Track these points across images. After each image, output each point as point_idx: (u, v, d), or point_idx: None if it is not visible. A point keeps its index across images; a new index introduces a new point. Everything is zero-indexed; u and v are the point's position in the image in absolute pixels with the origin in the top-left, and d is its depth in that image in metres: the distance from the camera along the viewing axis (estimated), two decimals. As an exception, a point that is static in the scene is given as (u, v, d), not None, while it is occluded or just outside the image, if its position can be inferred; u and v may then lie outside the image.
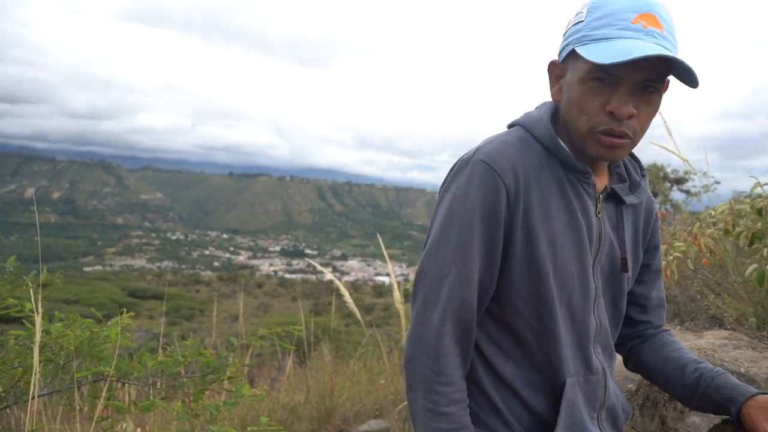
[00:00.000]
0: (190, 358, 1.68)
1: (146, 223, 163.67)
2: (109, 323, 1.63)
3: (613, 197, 0.99)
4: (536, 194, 0.90)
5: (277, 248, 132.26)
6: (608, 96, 0.87)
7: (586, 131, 0.90)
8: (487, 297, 0.92)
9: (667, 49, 0.83)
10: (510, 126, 0.99)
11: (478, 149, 0.92)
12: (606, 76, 0.86)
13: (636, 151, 1.00)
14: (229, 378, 1.70)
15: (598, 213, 0.96)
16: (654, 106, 0.88)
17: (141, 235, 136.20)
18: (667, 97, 0.93)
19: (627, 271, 0.98)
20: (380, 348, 3.55)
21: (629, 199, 0.99)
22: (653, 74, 0.85)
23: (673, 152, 1.96)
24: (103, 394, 1.54)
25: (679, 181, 7.68)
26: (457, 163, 0.94)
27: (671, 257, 2.09)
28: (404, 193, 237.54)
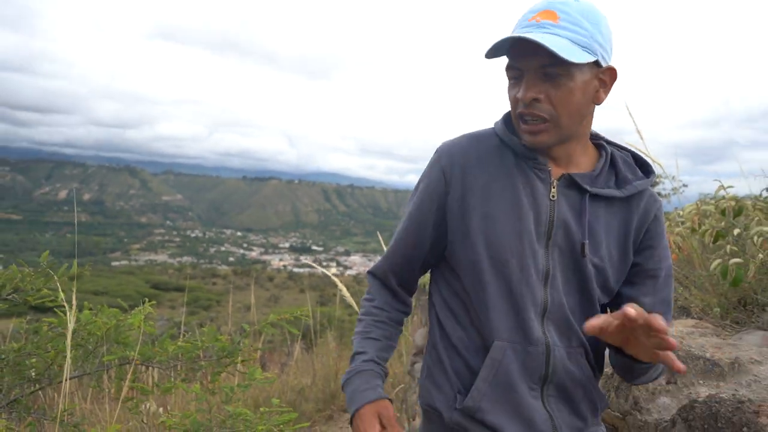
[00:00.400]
0: (207, 343, 1.68)
1: (168, 222, 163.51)
2: (133, 312, 1.63)
3: (575, 185, 0.96)
4: (480, 178, 0.96)
5: (287, 245, 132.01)
6: (519, 87, 0.91)
7: (515, 122, 0.95)
8: (420, 258, 1.04)
9: (555, 35, 0.85)
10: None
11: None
12: (515, 70, 0.91)
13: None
14: (242, 362, 1.70)
15: (552, 197, 0.95)
16: (563, 90, 0.88)
17: (163, 232, 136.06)
18: (642, 107, 0.90)
19: (584, 256, 0.94)
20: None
21: (597, 189, 0.96)
22: (546, 60, 0.86)
23: (646, 156, 1.96)
24: (129, 376, 1.54)
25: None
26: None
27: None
28: (402, 195, 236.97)
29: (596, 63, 0.89)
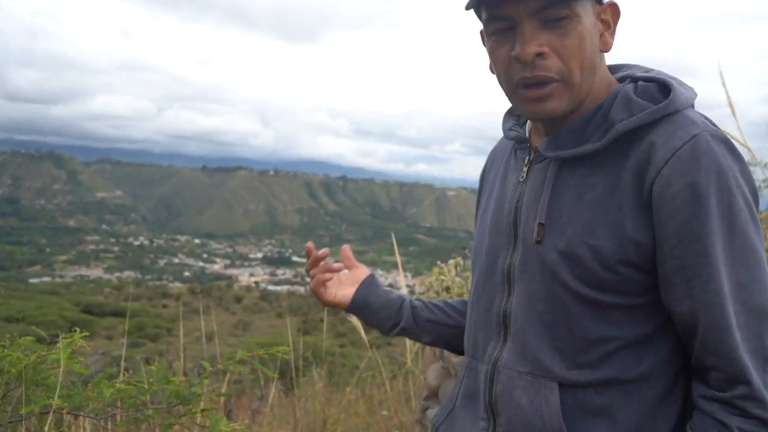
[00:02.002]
0: (155, 385, 1.67)
1: (104, 226, 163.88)
2: (58, 344, 1.63)
3: (540, 154, 0.94)
4: (494, 172, 1.08)
5: (259, 255, 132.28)
6: (512, 42, 0.87)
7: (510, 91, 0.92)
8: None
9: None
10: None
11: None
12: (501, 21, 0.88)
13: None
14: (202, 411, 1.70)
15: (522, 177, 0.96)
16: (572, 36, 0.85)
17: (97, 240, 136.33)
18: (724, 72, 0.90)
19: (539, 242, 0.89)
20: (381, 373, 3.52)
21: (564, 151, 0.90)
22: (544, 1, 0.84)
23: (736, 139, 1.93)
24: (51, 430, 1.53)
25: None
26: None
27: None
28: (409, 190, 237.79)
29: None
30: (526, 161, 0.97)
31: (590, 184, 0.87)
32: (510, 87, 0.91)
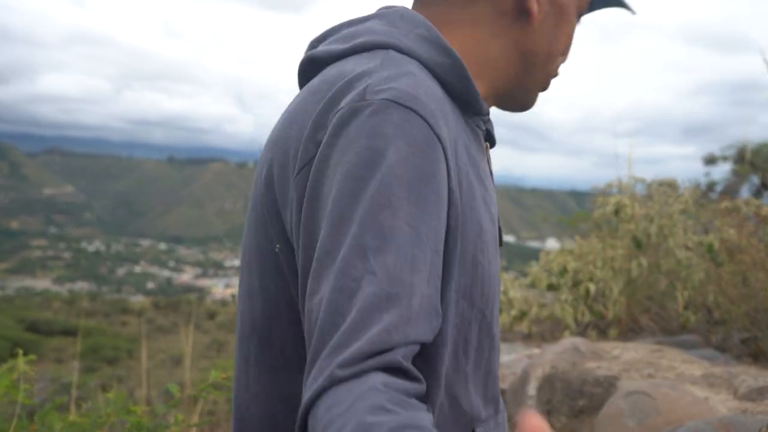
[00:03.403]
0: (114, 417, 1.68)
1: (52, 228, 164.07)
2: None
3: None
4: (459, 146, 0.82)
5: (236, 263, 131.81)
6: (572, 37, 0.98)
7: (546, 78, 0.97)
8: None
9: None
10: (368, 48, 0.85)
11: (374, 88, 0.76)
12: (584, 16, 1.00)
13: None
14: (169, 446, 1.70)
15: (489, 170, 0.94)
16: None
17: (45, 245, 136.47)
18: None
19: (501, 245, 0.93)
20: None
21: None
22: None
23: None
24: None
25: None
26: (347, 110, 0.75)
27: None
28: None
29: None
30: (485, 147, 0.93)
31: None
32: (545, 72, 0.96)
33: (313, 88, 0.84)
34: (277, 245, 0.82)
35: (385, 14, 0.90)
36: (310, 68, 0.91)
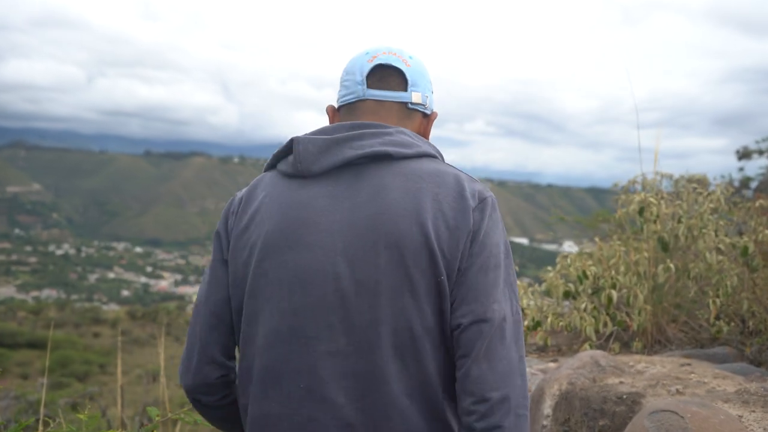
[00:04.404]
0: (84, 439, 1.67)
1: (16, 230, 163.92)
2: (-42, 386, 1.63)
3: None
4: None
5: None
6: None
7: None
8: None
9: None
10: (423, 155, 1.60)
11: (485, 189, 1.63)
12: None
13: None
14: (145, 471, 1.70)
15: None
16: None
17: (8, 248, 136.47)
18: None
19: None
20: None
21: None
22: None
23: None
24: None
25: None
26: (488, 199, 1.59)
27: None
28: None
29: None
30: None
31: None
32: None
33: (409, 173, 1.53)
34: (441, 277, 1.47)
35: (405, 132, 1.59)
36: (371, 158, 1.54)
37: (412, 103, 1.65)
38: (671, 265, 4.34)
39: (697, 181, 5.35)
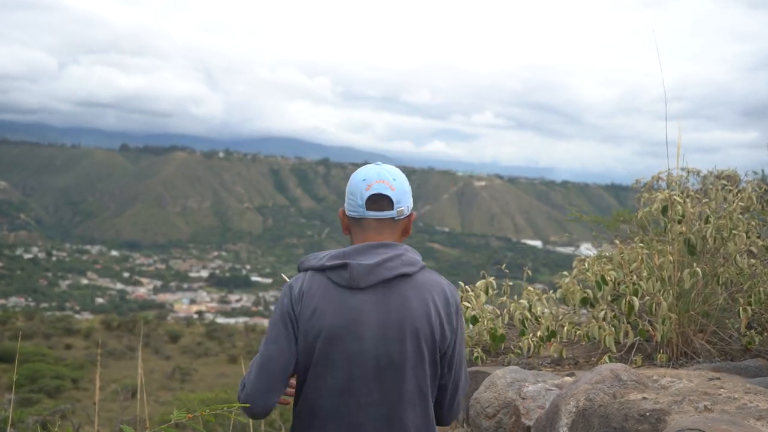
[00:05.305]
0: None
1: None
2: None
3: None
4: None
5: (204, 273, 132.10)
6: None
7: None
8: None
9: None
10: (421, 267, 2.67)
11: (456, 294, 2.76)
12: None
13: None
14: (122, 496, 1.70)
15: None
16: None
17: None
18: None
19: None
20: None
21: None
22: None
23: None
24: None
25: None
26: (458, 302, 2.72)
27: None
28: (420, 179, 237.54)
29: None
30: None
31: None
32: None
33: (419, 286, 2.59)
34: (438, 354, 2.62)
35: (409, 249, 2.65)
36: (394, 277, 2.58)
37: (397, 217, 2.68)
38: (698, 270, 4.34)
39: (726, 177, 5.34)
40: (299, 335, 2.60)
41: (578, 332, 4.66)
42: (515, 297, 5.22)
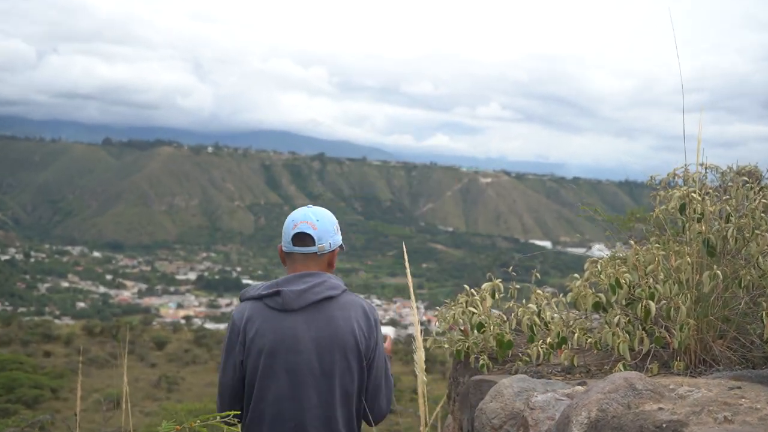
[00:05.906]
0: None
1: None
2: None
3: None
4: None
5: (192, 276, 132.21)
6: None
7: None
8: None
9: None
10: (344, 290, 3.52)
11: (374, 309, 3.67)
12: None
13: None
14: None
15: None
16: None
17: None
18: None
19: None
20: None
21: None
22: None
23: None
24: None
25: None
26: (376, 315, 3.59)
27: None
28: (421, 175, 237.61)
29: None
30: None
31: None
32: None
33: (342, 306, 3.43)
34: (363, 363, 3.44)
35: (332, 276, 3.51)
36: (321, 299, 3.41)
37: (319, 253, 3.45)
38: (718, 272, 4.33)
39: (748, 173, 5.33)
40: (246, 354, 3.33)
41: (590, 339, 4.66)
42: (523, 301, 5.21)
